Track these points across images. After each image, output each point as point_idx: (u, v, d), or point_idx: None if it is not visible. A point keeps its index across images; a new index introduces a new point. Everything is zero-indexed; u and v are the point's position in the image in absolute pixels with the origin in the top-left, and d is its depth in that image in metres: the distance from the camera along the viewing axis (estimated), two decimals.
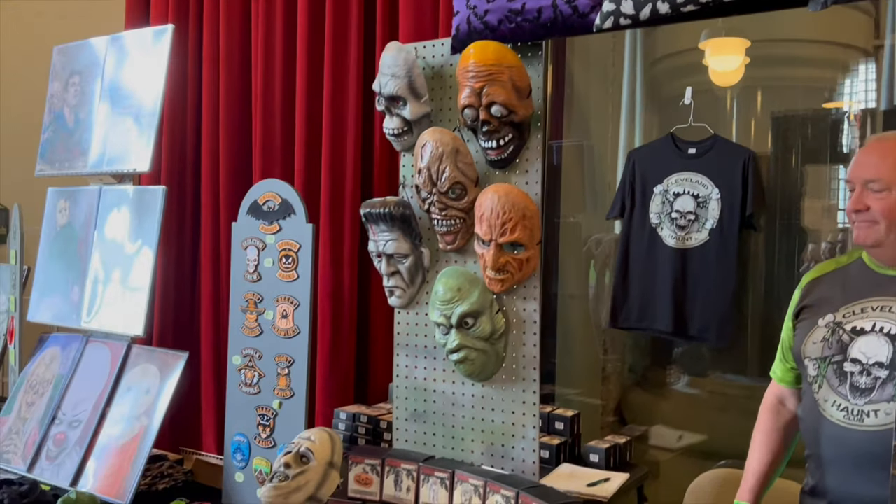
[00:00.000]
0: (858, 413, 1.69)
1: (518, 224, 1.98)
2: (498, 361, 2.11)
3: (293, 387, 2.50)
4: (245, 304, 2.62)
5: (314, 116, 3.02)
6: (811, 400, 1.79)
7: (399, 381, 2.29)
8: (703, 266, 3.17)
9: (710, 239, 3.15)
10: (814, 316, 1.84)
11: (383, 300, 3.08)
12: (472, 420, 2.16)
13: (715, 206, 3.13)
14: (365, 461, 2.05)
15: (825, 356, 1.77)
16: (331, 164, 2.95)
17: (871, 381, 1.69)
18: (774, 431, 1.99)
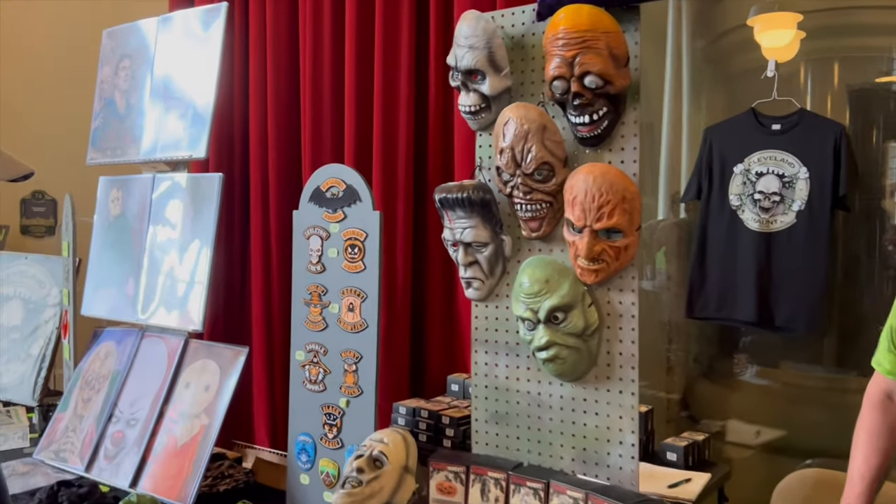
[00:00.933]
0: None
1: (617, 208, 1.75)
2: (591, 360, 1.89)
3: (361, 384, 2.31)
4: (308, 297, 2.43)
5: (365, 98, 2.84)
6: None
7: (478, 379, 2.08)
8: (789, 251, 2.90)
9: (797, 222, 2.89)
10: None
11: (439, 289, 2.92)
12: (562, 423, 1.94)
13: (803, 186, 2.86)
14: (448, 468, 1.85)
15: None
16: (383, 148, 2.77)
17: None
18: (883, 430, 1.76)
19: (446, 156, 2.75)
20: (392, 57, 2.77)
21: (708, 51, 3.67)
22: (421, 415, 2.61)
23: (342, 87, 2.92)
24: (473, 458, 1.86)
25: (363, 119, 2.85)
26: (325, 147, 2.95)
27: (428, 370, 2.91)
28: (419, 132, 2.80)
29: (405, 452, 2.09)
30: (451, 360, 3.64)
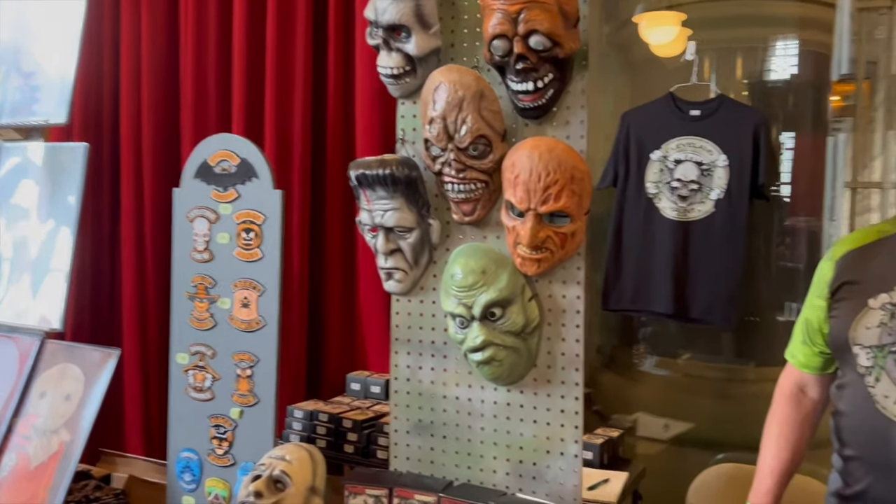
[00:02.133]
0: None
1: (564, 189, 1.51)
2: (530, 361, 1.65)
3: (257, 391, 1.98)
4: (193, 290, 2.07)
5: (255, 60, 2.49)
6: (862, 394, 1.49)
7: (398, 385, 1.80)
8: (707, 241, 2.79)
9: (715, 211, 2.77)
10: (860, 295, 1.53)
11: (338, 279, 2.63)
12: (495, 433, 1.70)
13: (722, 174, 2.75)
14: (367, 491, 1.56)
15: (883, 344, 1.47)
16: (276, 119, 2.44)
17: None
18: (794, 423, 1.71)
19: (347, 127, 2.45)
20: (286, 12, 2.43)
21: (614, 37, 3.54)
22: (319, 419, 2.32)
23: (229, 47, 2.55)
24: (396, 479, 1.58)
25: (253, 85, 2.50)
26: (210, 115, 2.58)
27: (325, 368, 2.62)
28: (317, 101, 2.48)
29: (311, 471, 1.78)
30: (351, 356, 3.34)
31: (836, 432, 1.59)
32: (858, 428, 1.52)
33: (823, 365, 1.67)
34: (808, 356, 1.68)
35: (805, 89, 3.32)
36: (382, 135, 2.73)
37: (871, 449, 1.50)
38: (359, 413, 3.01)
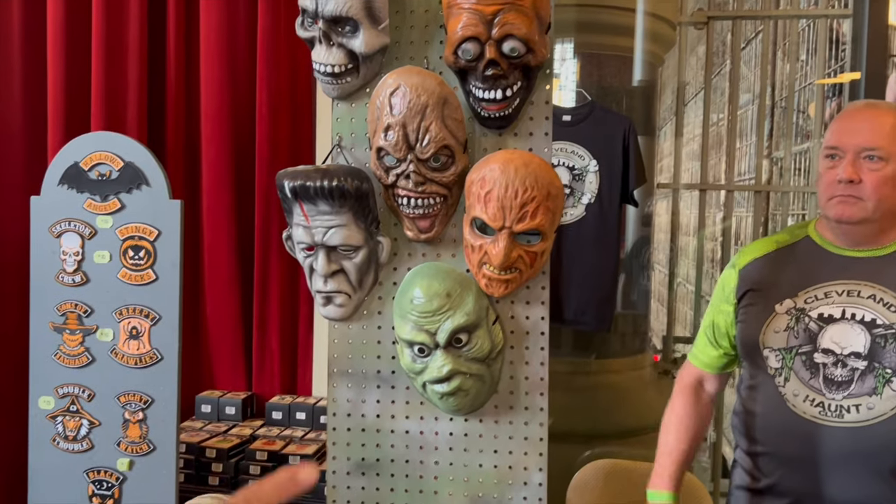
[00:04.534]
0: (837, 408, 1.49)
1: (541, 206, 1.39)
2: (492, 388, 1.52)
3: (153, 438, 1.64)
4: (61, 320, 1.66)
5: None
6: (773, 394, 1.56)
7: (336, 421, 1.57)
8: (578, 245, 2.83)
9: (586, 215, 2.82)
10: (766, 301, 1.60)
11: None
12: (451, 467, 1.54)
13: (593, 178, 2.80)
14: None
15: (791, 346, 1.55)
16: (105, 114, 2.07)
17: (849, 374, 1.49)
18: (693, 414, 1.78)
19: (189, 128, 2.15)
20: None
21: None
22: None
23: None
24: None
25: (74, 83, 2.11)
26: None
27: None
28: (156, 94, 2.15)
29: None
30: (197, 375, 2.99)
31: (744, 431, 1.65)
32: (770, 426, 1.58)
33: (724, 365, 1.73)
34: (711, 357, 1.74)
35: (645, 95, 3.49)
36: (224, 134, 2.48)
37: (782, 444, 1.56)
38: (220, 440, 2.69)
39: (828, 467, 1.51)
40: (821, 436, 1.50)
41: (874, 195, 1.50)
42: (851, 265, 1.55)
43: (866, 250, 1.54)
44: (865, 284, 1.51)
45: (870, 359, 1.49)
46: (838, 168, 1.53)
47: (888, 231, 1.54)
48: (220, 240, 2.62)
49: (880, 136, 1.52)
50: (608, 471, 2.64)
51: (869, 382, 1.48)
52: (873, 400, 1.48)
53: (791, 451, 1.55)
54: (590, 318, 2.84)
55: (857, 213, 1.51)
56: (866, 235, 1.54)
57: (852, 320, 1.51)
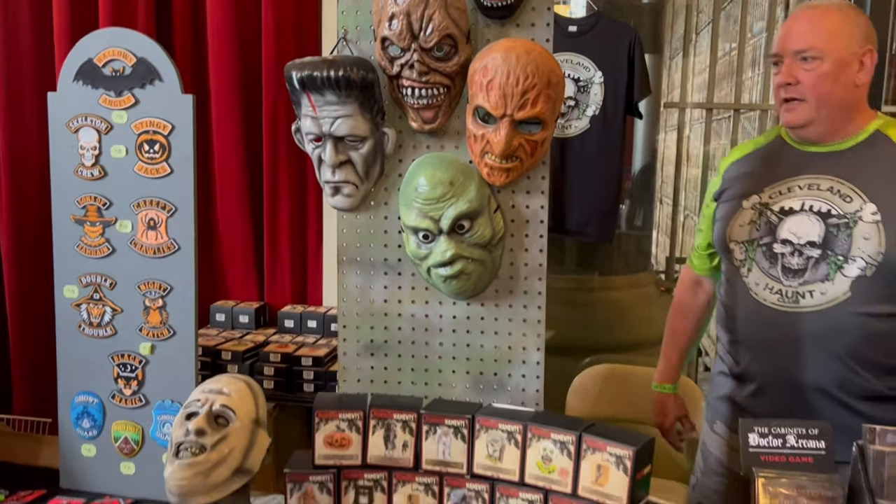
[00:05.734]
0: (793, 295, 1.59)
1: (542, 94, 1.43)
2: (493, 273, 1.59)
3: (173, 323, 1.73)
4: (82, 213, 1.74)
5: None
6: (740, 285, 1.68)
7: (347, 307, 1.65)
8: (583, 157, 2.87)
9: (591, 127, 2.85)
10: (736, 198, 1.71)
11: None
12: (454, 348, 1.63)
13: (598, 90, 2.82)
14: (340, 416, 1.43)
15: (753, 239, 1.65)
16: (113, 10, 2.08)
17: (804, 262, 1.58)
18: (690, 311, 1.96)
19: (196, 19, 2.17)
20: None
21: None
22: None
23: None
24: (373, 401, 1.46)
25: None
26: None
27: None
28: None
29: (253, 402, 1.60)
30: (211, 287, 3.09)
31: (723, 321, 1.77)
32: (738, 314, 1.69)
33: (714, 268, 1.86)
34: (701, 260, 1.88)
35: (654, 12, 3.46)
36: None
37: (748, 331, 1.68)
38: (236, 344, 2.80)
39: (788, 351, 1.61)
40: (780, 321, 1.60)
41: (813, 94, 1.56)
42: (814, 160, 1.62)
43: (828, 145, 1.61)
44: (825, 177, 1.58)
45: (823, 247, 1.56)
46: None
47: (846, 125, 1.60)
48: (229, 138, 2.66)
49: (815, 36, 1.56)
50: (606, 375, 2.75)
51: (822, 269, 1.56)
52: (826, 286, 1.56)
53: (756, 337, 1.66)
54: (592, 229, 2.90)
55: (802, 116, 1.59)
56: (822, 133, 1.60)
57: (809, 212, 1.58)
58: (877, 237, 1.51)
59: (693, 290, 1.95)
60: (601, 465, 1.29)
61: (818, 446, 1.44)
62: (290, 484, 1.43)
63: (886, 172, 1.54)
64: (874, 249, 1.51)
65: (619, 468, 1.27)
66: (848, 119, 1.59)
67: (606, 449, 1.29)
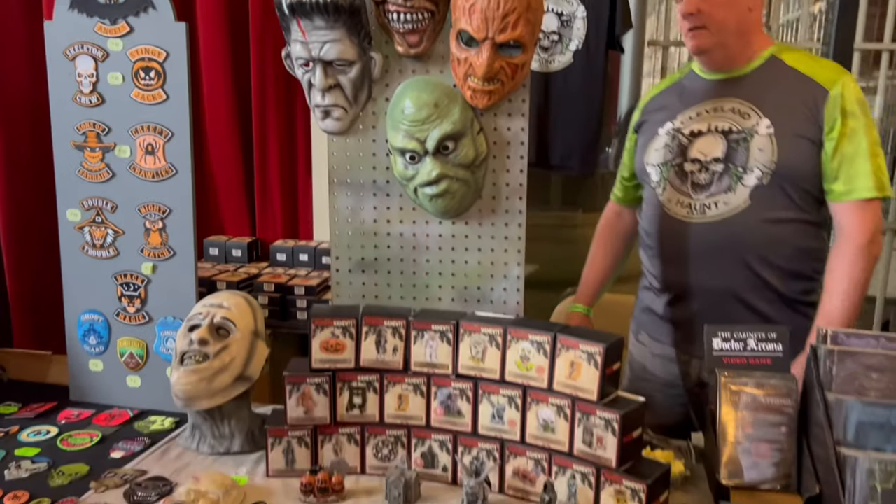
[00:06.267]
0: (701, 207, 1.74)
1: (522, 17, 1.50)
2: (476, 193, 1.68)
3: (172, 244, 1.82)
4: (82, 139, 1.81)
5: None
6: (656, 204, 1.83)
7: (339, 227, 1.75)
8: (566, 92, 2.93)
9: (574, 62, 2.91)
10: (653, 127, 1.86)
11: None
12: (440, 264, 1.73)
13: (580, 24, 2.87)
14: (334, 323, 1.54)
15: (666, 161, 1.79)
16: None
17: (710, 177, 1.73)
18: (611, 241, 2.09)
19: None
20: None
21: None
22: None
23: None
24: (365, 310, 1.57)
25: None
26: None
27: None
28: None
29: (252, 315, 1.72)
30: (205, 223, 3.16)
31: (643, 242, 1.92)
32: (655, 231, 1.84)
33: (637, 199, 1.99)
34: (624, 191, 2.03)
35: None
36: None
37: (663, 246, 1.82)
38: (230, 275, 2.90)
39: (698, 260, 1.75)
40: (690, 232, 1.74)
41: (712, 21, 1.69)
42: (718, 87, 1.77)
43: (730, 72, 1.75)
44: (728, 100, 1.74)
45: (726, 161, 1.70)
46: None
47: (745, 49, 1.74)
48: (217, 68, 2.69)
49: None
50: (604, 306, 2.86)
51: (725, 181, 1.71)
52: (728, 196, 1.71)
53: (671, 250, 1.80)
54: (574, 162, 2.99)
55: (705, 42, 1.72)
56: (725, 58, 1.74)
57: (715, 132, 1.73)
58: (770, 148, 1.66)
59: (614, 222, 2.08)
60: (574, 361, 1.41)
61: (776, 349, 1.57)
62: (289, 386, 1.55)
63: (780, 91, 1.69)
64: (768, 159, 1.66)
65: (590, 364, 1.39)
66: (745, 43, 1.73)
67: (579, 347, 1.40)
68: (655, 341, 1.91)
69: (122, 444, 1.69)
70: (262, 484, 1.54)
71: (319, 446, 1.57)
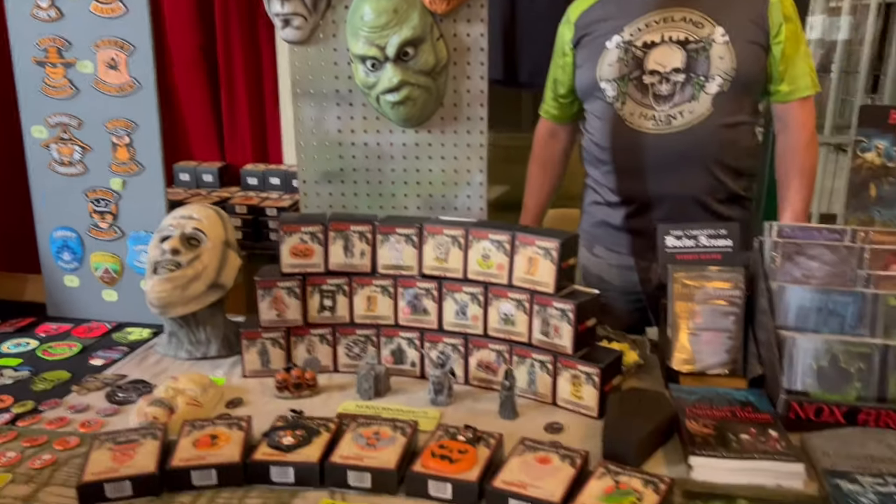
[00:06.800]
0: (666, 118, 1.79)
1: None
2: (438, 100, 1.72)
3: (140, 159, 1.85)
4: (42, 55, 1.81)
5: None
6: (614, 119, 1.84)
7: (304, 137, 1.78)
8: (532, 6, 2.93)
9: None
10: (597, 41, 1.84)
11: None
12: (405, 173, 1.78)
13: None
14: (302, 229, 1.59)
15: (623, 74, 1.80)
16: None
17: (671, 87, 1.77)
18: (550, 163, 2.08)
19: None
20: None
21: None
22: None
23: None
24: (332, 216, 1.62)
25: None
26: None
27: None
28: None
29: (222, 226, 1.76)
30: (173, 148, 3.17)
31: (593, 158, 1.94)
32: (615, 146, 1.86)
33: (573, 115, 2.00)
34: (559, 109, 2.00)
35: None
36: None
37: (626, 160, 1.86)
38: (202, 199, 2.93)
39: (663, 170, 1.81)
40: (655, 144, 1.79)
41: None
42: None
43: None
44: (675, 10, 1.76)
45: (687, 71, 1.75)
46: None
47: None
48: None
49: None
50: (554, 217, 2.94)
51: (688, 91, 1.76)
52: (692, 105, 1.76)
53: (633, 163, 1.84)
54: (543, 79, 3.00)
55: None
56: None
57: (670, 42, 1.75)
58: (729, 56, 1.73)
59: (549, 142, 2.07)
60: (532, 257, 1.48)
61: (726, 244, 1.66)
62: (260, 290, 1.61)
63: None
64: (728, 66, 1.73)
65: (546, 258, 1.46)
66: None
67: (535, 243, 1.47)
68: (613, 252, 1.97)
69: (101, 353, 1.75)
70: (238, 384, 1.61)
71: (293, 347, 1.64)
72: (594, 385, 1.43)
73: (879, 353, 1.39)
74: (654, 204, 1.85)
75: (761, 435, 1.28)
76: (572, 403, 1.46)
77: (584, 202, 2.05)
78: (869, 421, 1.36)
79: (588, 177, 2.00)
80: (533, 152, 2.09)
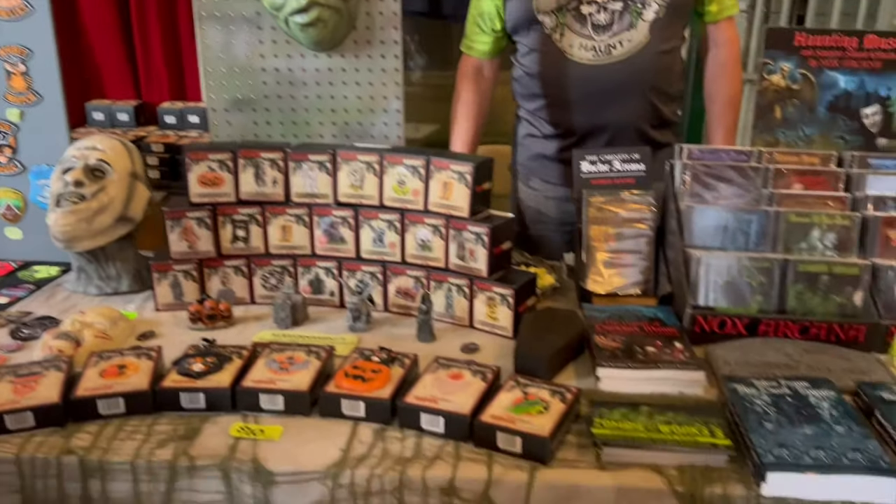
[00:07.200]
0: (606, 48, 1.79)
1: None
2: (350, 24, 1.67)
3: (38, 88, 1.75)
4: None
5: None
6: (553, 51, 1.82)
7: (211, 64, 1.71)
8: None
9: None
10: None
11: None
12: (319, 99, 1.74)
13: None
14: (210, 157, 1.54)
15: (561, 6, 1.79)
16: None
17: (610, 16, 1.78)
18: (475, 101, 2.00)
19: None
20: None
21: None
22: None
23: None
24: (241, 144, 1.57)
25: None
26: None
27: None
28: None
29: (128, 157, 1.69)
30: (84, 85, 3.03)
31: (526, 92, 1.92)
32: (553, 78, 1.85)
33: (499, 50, 1.95)
34: (486, 44, 1.93)
35: None
36: None
37: (566, 90, 1.84)
38: None
39: (605, 99, 1.81)
40: (596, 75, 1.79)
41: None
42: None
43: None
44: None
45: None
46: None
47: None
48: None
49: None
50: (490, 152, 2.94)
51: (626, 19, 1.76)
52: (631, 33, 1.78)
53: (575, 95, 1.83)
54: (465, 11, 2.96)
55: None
56: None
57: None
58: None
59: (475, 80, 1.97)
60: (446, 181, 1.48)
61: (639, 168, 1.69)
62: (169, 221, 1.56)
63: None
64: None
65: (461, 182, 1.46)
66: None
67: (450, 167, 1.47)
68: (549, 184, 1.97)
69: (5, 291, 1.68)
70: (151, 317, 1.58)
71: (206, 279, 1.61)
72: (508, 306, 1.45)
73: (779, 268, 1.44)
74: (592, 134, 1.85)
75: (666, 347, 1.33)
76: (488, 325, 1.48)
77: (518, 135, 2.04)
78: (769, 332, 1.42)
79: (521, 109, 1.99)
80: (457, 93, 1.98)
